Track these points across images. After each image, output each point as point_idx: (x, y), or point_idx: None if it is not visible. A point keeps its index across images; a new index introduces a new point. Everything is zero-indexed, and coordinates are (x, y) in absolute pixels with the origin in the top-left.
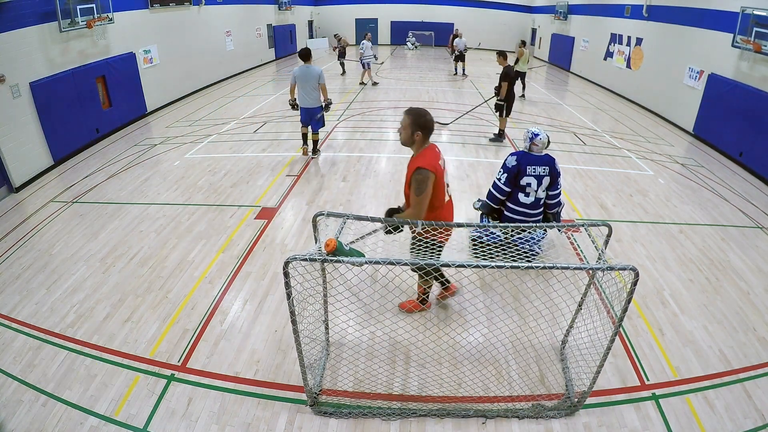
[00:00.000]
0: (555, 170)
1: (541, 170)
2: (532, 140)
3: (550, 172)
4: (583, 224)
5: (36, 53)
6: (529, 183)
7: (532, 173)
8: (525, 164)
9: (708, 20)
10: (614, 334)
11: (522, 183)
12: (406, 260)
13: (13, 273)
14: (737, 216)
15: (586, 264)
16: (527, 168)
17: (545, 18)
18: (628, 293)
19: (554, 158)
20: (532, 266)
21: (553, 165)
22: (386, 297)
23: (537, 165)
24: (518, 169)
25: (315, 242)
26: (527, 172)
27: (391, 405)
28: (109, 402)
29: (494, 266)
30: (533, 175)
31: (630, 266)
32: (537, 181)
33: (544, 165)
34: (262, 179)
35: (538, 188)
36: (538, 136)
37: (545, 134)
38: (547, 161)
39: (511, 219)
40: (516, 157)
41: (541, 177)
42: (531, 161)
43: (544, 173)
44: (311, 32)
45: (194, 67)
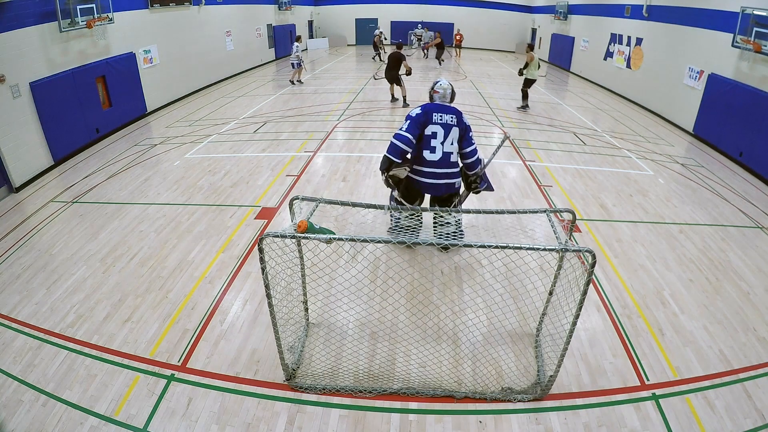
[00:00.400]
0: (463, 122)
1: (449, 118)
2: (433, 89)
3: (458, 122)
4: (545, 211)
5: (36, 53)
6: (434, 132)
7: (438, 120)
8: (431, 112)
9: (708, 20)
10: (575, 317)
11: (427, 132)
12: (366, 237)
13: (13, 273)
14: (737, 216)
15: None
16: (433, 115)
17: (545, 18)
18: (588, 275)
19: (460, 110)
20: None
21: (460, 116)
22: (360, 275)
23: (443, 113)
24: (424, 117)
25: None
26: (433, 119)
27: (362, 385)
28: (109, 402)
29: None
30: (439, 123)
31: (586, 248)
32: (444, 130)
33: (451, 113)
34: (262, 179)
35: (444, 140)
36: (438, 82)
37: (448, 83)
38: (453, 111)
39: (418, 182)
40: (420, 108)
41: (449, 126)
42: (437, 109)
43: (452, 122)
44: (311, 32)
45: (194, 67)
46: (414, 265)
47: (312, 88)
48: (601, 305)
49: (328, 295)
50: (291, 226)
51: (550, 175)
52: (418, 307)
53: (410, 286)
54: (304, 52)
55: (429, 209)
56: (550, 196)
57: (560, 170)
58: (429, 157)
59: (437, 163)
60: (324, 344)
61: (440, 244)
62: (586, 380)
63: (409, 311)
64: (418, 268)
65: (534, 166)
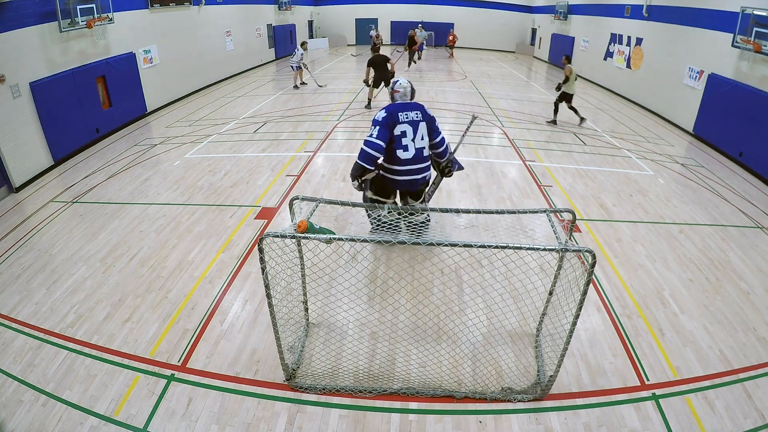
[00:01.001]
0: (427, 114)
1: (414, 115)
2: (393, 89)
3: (423, 116)
4: (545, 211)
5: (36, 53)
6: (403, 131)
7: (405, 119)
8: (396, 112)
9: (708, 20)
10: (575, 317)
11: (396, 133)
12: (366, 237)
13: (13, 273)
14: (737, 216)
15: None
16: (399, 115)
17: (545, 18)
18: (588, 275)
19: (422, 105)
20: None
21: (423, 110)
22: (360, 275)
23: (408, 110)
24: (391, 119)
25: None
26: (400, 119)
27: (362, 385)
28: (109, 402)
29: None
30: (407, 121)
31: (586, 248)
32: (412, 127)
33: (415, 110)
34: (262, 179)
35: (414, 136)
36: (397, 82)
37: (407, 81)
38: (416, 106)
39: (395, 181)
40: (385, 110)
41: (416, 122)
42: (401, 108)
43: (418, 118)
44: (311, 32)
45: (194, 67)
46: (414, 265)
47: (312, 88)
48: (601, 305)
49: (328, 295)
50: (291, 226)
51: (550, 175)
52: (418, 307)
53: (410, 286)
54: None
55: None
56: (550, 196)
57: (560, 170)
58: (403, 155)
59: (411, 160)
60: (324, 344)
61: (442, 244)
62: (586, 380)
63: (409, 311)
64: (418, 268)
65: (534, 166)
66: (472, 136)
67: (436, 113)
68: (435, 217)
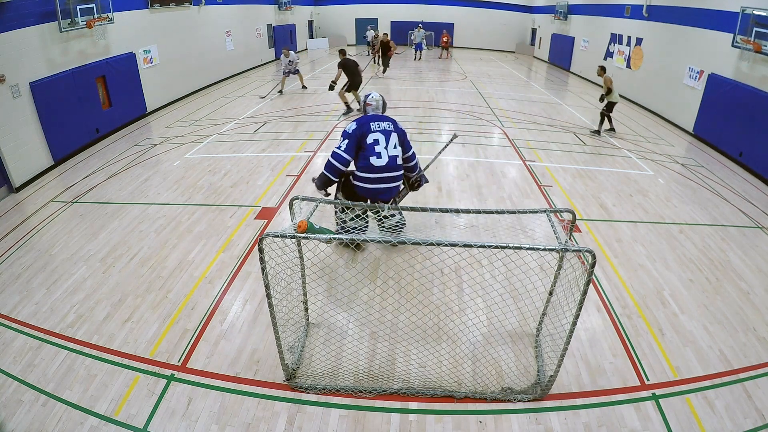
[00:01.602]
0: (399, 127)
1: (386, 125)
2: (365, 102)
3: (395, 128)
4: (545, 211)
5: (36, 53)
6: (376, 140)
7: (377, 129)
8: (368, 123)
9: (708, 20)
10: (575, 317)
11: (369, 141)
12: (365, 237)
13: (13, 273)
14: (737, 216)
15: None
16: (371, 125)
17: (545, 18)
18: (588, 275)
19: (394, 118)
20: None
21: (395, 123)
22: (360, 275)
23: (379, 121)
24: (361, 131)
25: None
26: (372, 129)
27: (362, 385)
28: (109, 402)
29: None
30: (379, 131)
31: (587, 248)
32: (384, 136)
33: (386, 121)
34: (262, 179)
35: (387, 144)
36: (369, 95)
37: (379, 94)
38: (388, 119)
39: (368, 190)
40: (355, 122)
41: (388, 132)
42: (372, 119)
43: (390, 128)
44: (311, 32)
45: (194, 67)
46: (414, 265)
47: (312, 87)
48: (601, 305)
49: (328, 295)
50: (291, 226)
51: (550, 175)
52: (418, 307)
53: (410, 286)
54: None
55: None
56: (550, 196)
57: (560, 170)
58: (377, 162)
59: (385, 167)
60: (324, 344)
61: (442, 244)
62: (586, 380)
63: (409, 311)
64: (418, 268)
65: (534, 166)
66: (472, 136)
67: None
68: (427, 217)
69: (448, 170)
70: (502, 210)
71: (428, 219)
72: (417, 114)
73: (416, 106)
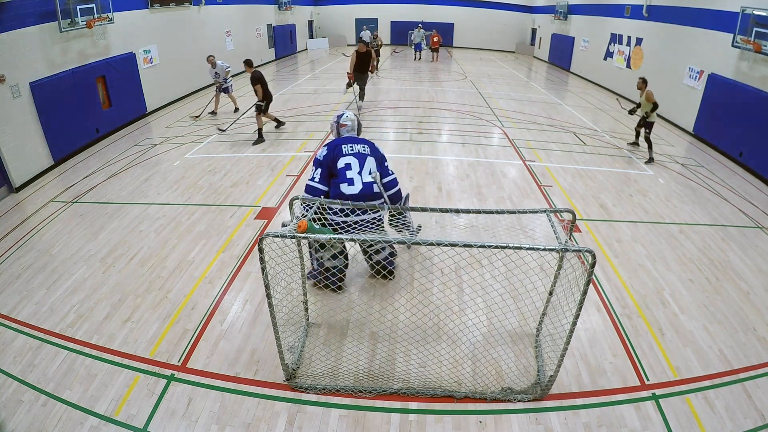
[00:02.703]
0: (377, 151)
1: (361, 147)
2: (338, 122)
3: (371, 151)
4: (546, 211)
5: (36, 53)
6: (348, 164)
7: (350, 152)
8: (339, 145)
9: (708, 20)
10: (575, 317)
11: (340, 165)
12: (366, 237)
13: (13, 273)
14: (737, 216)
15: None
16: (343, 147)
17: (545, 18)
18: (588, 275)
19: (372, 142)
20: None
21: (372, 146)
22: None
23: (354, 143)
24: (332, 154)
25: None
26: (344, 151)
27: (362, 385)
28: (109, 402)
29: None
30: (352, 154)
31: (587, 248)
32: (358, 159)
33: (363, 143)
34: (262, 179)
35: (361, 170)
36: (343, 114)
37: (354, 114)
38: (364, 141)
39: (341, 223)
40: (326, 146)
41: (363, 155)
42: (346, 141)
43: (365, 151)
44: (311, 32)
45: (194, 67)
46: (414, 265)
47: (312, 87)
48: (601, 305)
49: (328, 295)
50: (291, 225)
51: (550, 175)
52: (418, 307)
53: (410, 286)
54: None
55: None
56: (550, 196)
57: (560, 170)
58: (348, 190)
59: (358, 196)
60: (324, 344)
61: (442, 244)
62: (586, 380)
63: (409, 311)
64: (418, 268)
65: (534, 166)
66: (472, 136)
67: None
68: (427, 217)
69: (448, 170)
70: (502, 210)
71: (428, 219)
72: (417, 114)
73: (416, 106)
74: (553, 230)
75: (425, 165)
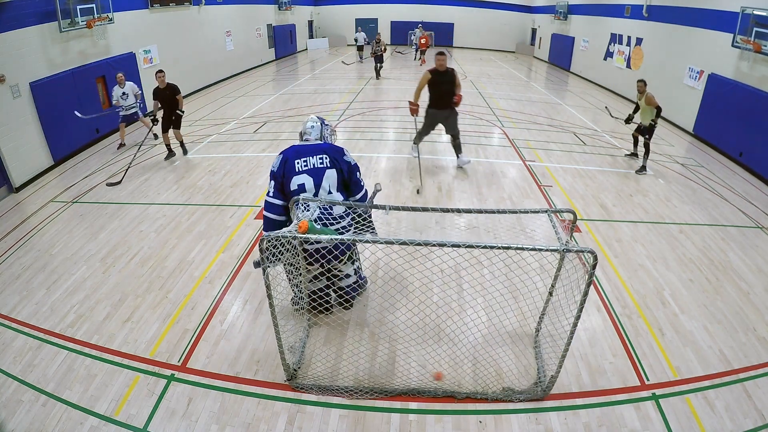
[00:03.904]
0: (342, 161)
1: (317, 160)
2: (303, 131)
3: (331, 163)
4: (546, 211)
5: (36, 53)
6: (302, 184)
7: (303, 168)
8: (291, 159)
9: (708, 20)
10: (576, 318)
11: (292, 188)
12: (366, 237)
13: (13, 273)
14: (737, 216)
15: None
16: (295, 164)
17: (545, 18)
18: (588, 276)
19: (339, 147)
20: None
21: (336, 154)
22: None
23: (309, 155)
24: (282, 170)
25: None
26: (296, 168)
27: (362, 384)
28: (109, 402)
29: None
30: (305, 171)
31: (588, 249)
32: (313, 178)
33: (320, 153)
34: (262, 179)
35: (317, 191)
36: (307, 123)
37: (317, 117)
38: (324, 148)
39: (303, 251)
40: (282, 155)
41: (319, 171)
42: (299, 153)
43: (322, 164)
44: (311, 32)
45: (194, 67)
46: (414, 266)
47: (312, 87)
48: (601, 305)
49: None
50: (292, 225)
51: (550, 175)
52: (419, 307)
53: (411, 286)
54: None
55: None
56: (550, 196)
57: (560, 170)
58: (303, 216)
59: (317, 219)
60: (324, 344)
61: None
62: (586, 380)
63: (410, 311)
64: (418, 268)
65: (534, 166)
66: (472, 136)
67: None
68: (427, 217)
69: (448, 170)
70: (503, 210)
71: (428, 219)
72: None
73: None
74: (555, 230)
75: (425, 165)
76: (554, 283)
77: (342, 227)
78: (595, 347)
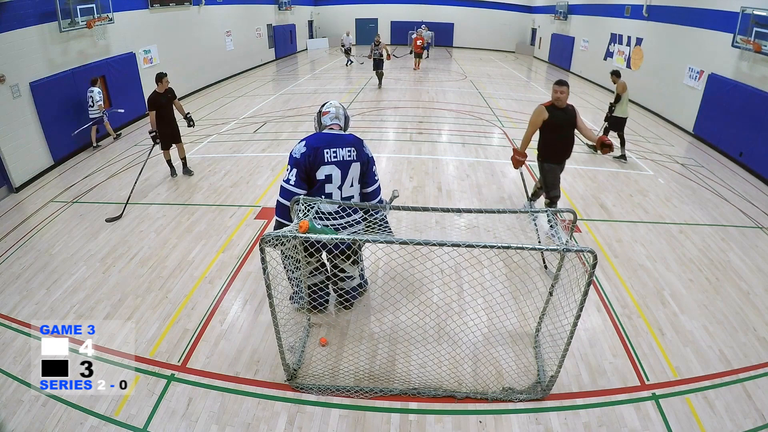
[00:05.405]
0: (364, 153)
1: (346, 153)
2: (321, 111)
3: (357, 155)
4: (546, 211)
5: (36, 53)
6: (329, 175)
7: (332, 159)
8: (320, 147)
9: (708, 20)
10: (576, 318)
11: (320, 177)
12: (366, 237)
13: (13, 273)
14: (737, 216)
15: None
16: (325, 154)
17: (545, 18)
18: (589, 275)
19: (360, 138)
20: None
21: (360, 146)
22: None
23: (339, 146)
24: (312, 157)
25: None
26: (326, 158)
27: (362, 385)
28: (109, 402)
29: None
30: (335, 162)
31: (588, 248)
32: (341, 170)
33: (348, 146)
34: (262, 179)
35: (342, 183)
36: (326, 103)
37: (339, 103)
38: (351, 141)
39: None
40: (305, 143)
41: (347, 163)
42: (330, 143)
43: (351, 157)
44: (311, 32)
45: (194, 67)
46: (414, 266)
47: (312, 87)
48: (601, 305)
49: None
50: (292, 225)
51: None
52: (419, 307)
53: (411, 286)
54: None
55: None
56: None
57: None
58: (325, 207)
59: (335, 213)
60: (324, 344)
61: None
62: (586, 380)
63: (410, 311)
64: (419, 268)
65: (534, 166)
66: (472, 136)
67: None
68: (427, 217)
69: (448, 170)
70: (503, 210)
71: (428, 219)
72: (417, 114)
73: (416, 106)
74: (555, 230)
75: (425, 165)
76: (554, 283)
77: (353, 220)
78: (595, 347)
